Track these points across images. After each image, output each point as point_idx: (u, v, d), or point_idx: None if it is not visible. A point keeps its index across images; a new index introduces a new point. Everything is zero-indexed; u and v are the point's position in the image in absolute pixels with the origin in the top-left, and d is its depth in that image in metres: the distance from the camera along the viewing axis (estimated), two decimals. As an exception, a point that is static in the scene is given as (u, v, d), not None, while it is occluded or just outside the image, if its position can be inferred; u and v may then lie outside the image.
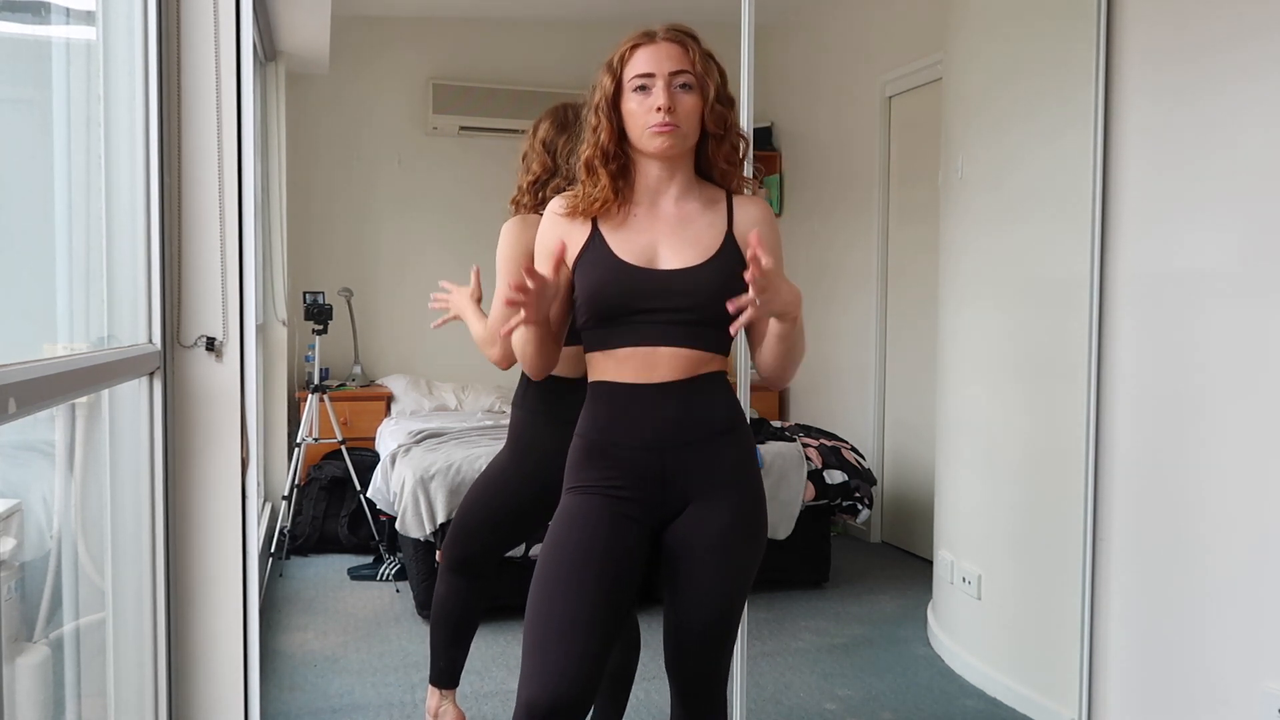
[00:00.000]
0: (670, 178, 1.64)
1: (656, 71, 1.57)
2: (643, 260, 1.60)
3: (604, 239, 1.61)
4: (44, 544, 1.71)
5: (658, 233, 1.62)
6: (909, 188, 4.43)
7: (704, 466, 1.61)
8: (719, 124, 1.62)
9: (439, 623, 2.39)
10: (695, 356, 1.59)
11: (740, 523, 1.63)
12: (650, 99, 1.57)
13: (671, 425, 1.59)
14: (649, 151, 1.60)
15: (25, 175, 1.73)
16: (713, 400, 1.62)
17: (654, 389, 1.59)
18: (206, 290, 1.98)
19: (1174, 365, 2.43)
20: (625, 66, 1.61)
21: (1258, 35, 2.21)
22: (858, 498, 3.92)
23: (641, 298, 1.58)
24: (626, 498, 1.60)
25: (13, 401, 1.11)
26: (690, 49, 1.60)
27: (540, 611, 1.57)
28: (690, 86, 1.59)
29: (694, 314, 1.58)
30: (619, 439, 1.61)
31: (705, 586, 1.62)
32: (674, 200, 1.64)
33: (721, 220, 1.64)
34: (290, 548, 4.17)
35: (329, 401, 4.25)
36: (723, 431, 1.63)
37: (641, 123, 1.58)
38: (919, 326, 4.19)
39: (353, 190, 5.05)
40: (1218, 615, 2.31)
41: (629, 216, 1.63)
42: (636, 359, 1.59)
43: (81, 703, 1.77)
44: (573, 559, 1.57)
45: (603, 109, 1.61)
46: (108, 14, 1.89)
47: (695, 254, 1.60)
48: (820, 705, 2.89)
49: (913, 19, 4.30)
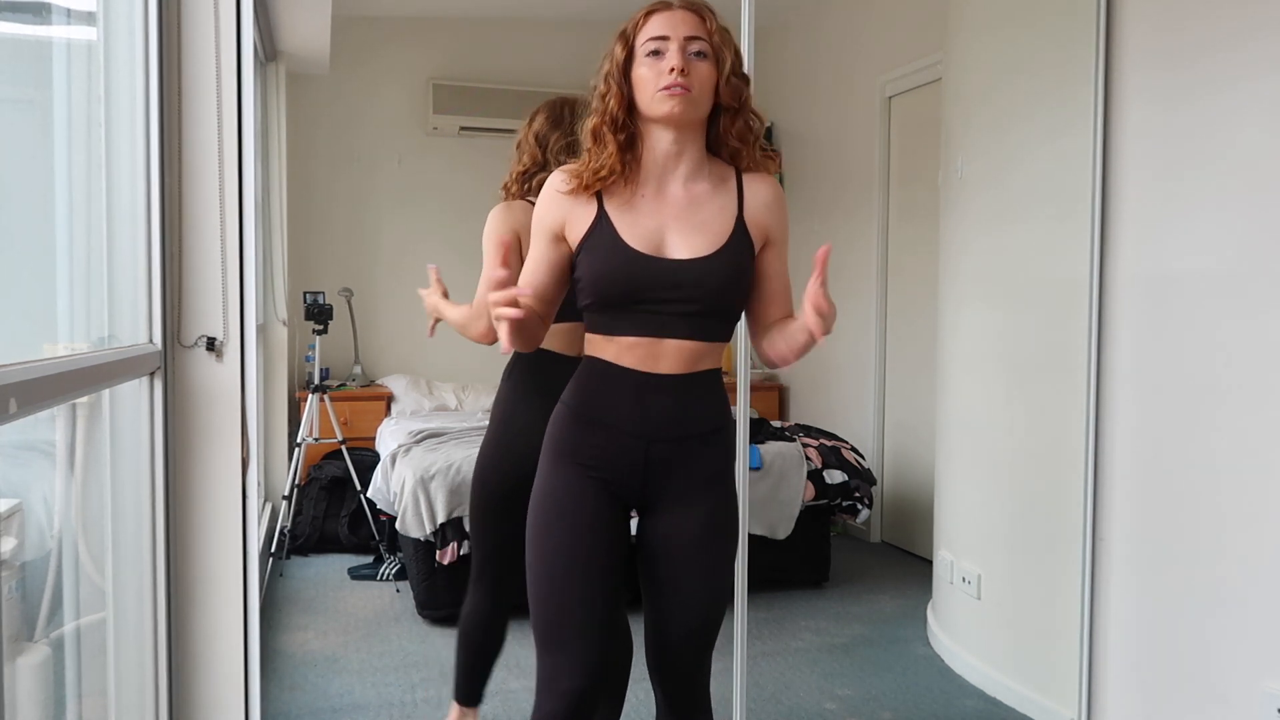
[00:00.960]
0: (680, 153, 1.58)
1: (671, 35, 1.52)
2: (651, 248, 1.55)
3: (611, 222, 1.56)
4: (45, 544, 1.71)
5: (666, 217, 1.57)
6: (909, 187, 4.43)
7: (688, 465, 1.59)
8: (734, 97, 1.57)
9: (459, 637, 2.34)
10: (698, 348, 1.57)
11: (718, 525, 1.62)
12: (663, 62, 1.51)
13: (663, 418, 1.57)
14: (659, 116, 1.53)
15: (26, 175, 1.73)
16: (706, 399, 1.60)
17: (651, 379, 1.56)
18: (207, 290, 1.98)
19: (1173, 365, 2.43)
20: (639, 32, 1.55)
21: (1257, 35, 2.21)
22: (857, 498, 3.93)
23: (649, 288, 1.54)
24: (607, 478, 1.58)
25: (13, 401, 1.11)
26: (707, 19, 1.55)
27: (553, 604, 1.57)
28: (705, 55, 1.53)
29: (701, 305, 1.54)
30: (607, 419, 1.58)
31: (687, 591, 1.61)
32: (682, 181, 1.59)
33: (731, 203, 1.59)
34: (290, 547, 4.17)
35: (329, 401, 4.25)
36: (711, 431, 1.61)
37: (653, 86, 1.52)
38: (919, 326, 4.19)
39: (353, 190, 5.05)
40: (1217, 615, 2.31)
41: (636, 197, 1.58)
42: (640, 348, 1.56)
43: (82, 702, 1.77)
44: (572, 545, 1.56)
45: (613, 76, 1.55)
46: (108, 14, 1.89)
47: (705, 243, 1.55)
48: (820, 705, 2.89)
49: (912, 19, 4.30)
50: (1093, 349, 2.62)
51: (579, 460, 1.59)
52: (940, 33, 3.54)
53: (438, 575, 3.43)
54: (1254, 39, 2.22)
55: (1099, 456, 2.63)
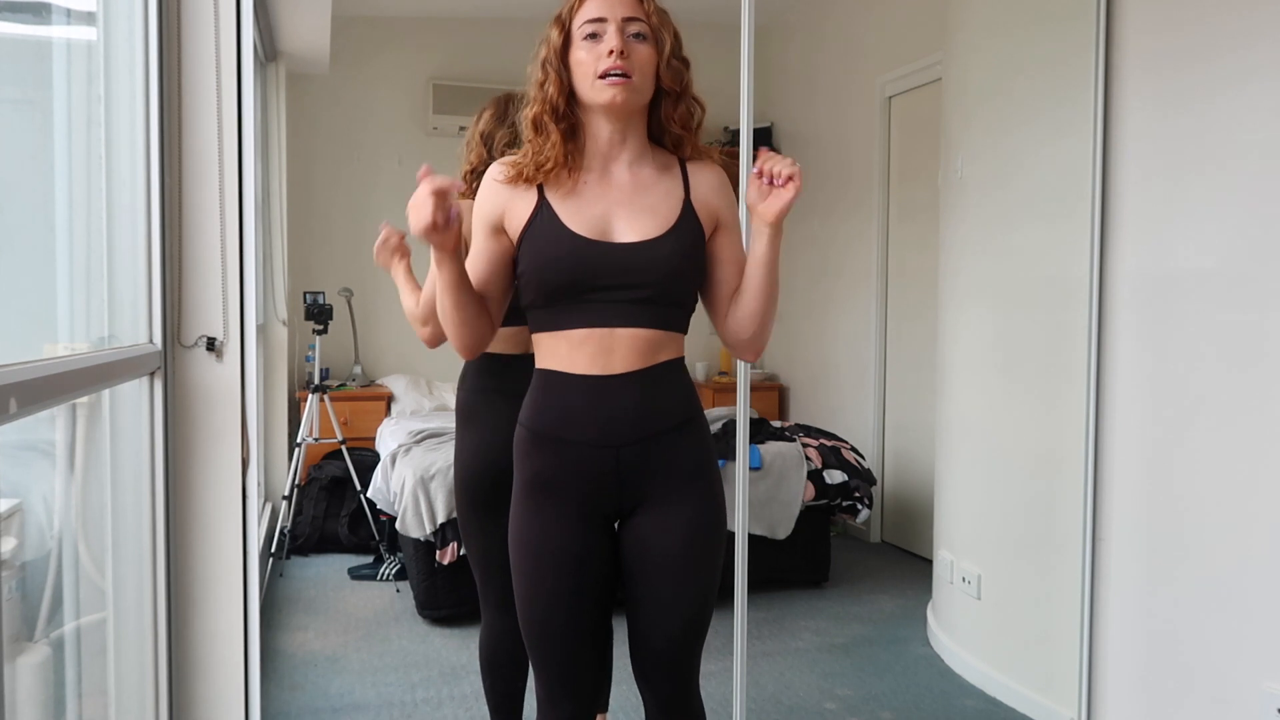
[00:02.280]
0: (622, 140, 1.52)
1: (609, 16, 1.46)
2: (596, 233, 1.48)
3: (552, 209, 1.48)
4: (45, 544, 1.71)
5: (611, 201, 1.50)
6: (909, 188, 4.43)
7: (662, 463, 1.51)
8: (675, 80, 1.50)
9: (485, 669, 2.22)
10: (654, 338, 1.49)
11: (703, 525, 1.55)
12: (601, 45, 1.45)
13: (627, 421, 1.48)
14: (599, 103, 1.47)
15: (26, 175, 1.73)
16: (670, 392, 1.52)
17: (608, 381, 1.48)
18: (207, 290, 1.98)
19: (1173, 365, 2.44)
20: (575, 15, 1.49)
21: (1256, 39, 2.21)
22: (858, 498, 3.93)
23: (596, 274, 1.46)
24: (581, 497, 1.52)
25: (14, 401, 1.11)
26: (645, 0, 1.50)
27: (545, 647, 1.56)
28: (644, 37, 1.47)
29: (654, 290, 1.47)
30: (568, 435, 1.50)
31: (669, 598, 1.54)
32: (627, 166, 1.52)
33: (678, 187, 1.53)
34: (290, 547, 4.17)
35: (329, 401, 4.26)
36: (680, 425, 1.53)
37: (591, 71, 1.45)
38: (919, 326, 4.19)
39: (353, 190, 5.05)
40: (1217, 615, 2.31)
41: (579, 184, 1.51)
42: (592, 342, 1.47)
43: (82, 702, 1.77)
44: (555, 585, 1.52)
45: (551, 62, 1.49)
46: (108, 14, 1.89)
47: (653, 225, 1.49)
48: (820, 705, 2.89)
49: (912, 19, 4.31)
50: (1093, 349, 2.62)
51: (548, 484, 1.52)
52: (940, 33, 3.54)
53: (438, 575, 3.43)
54: (1253, 43, 2.22)
55: (1099, 456, 2.63)
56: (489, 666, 2.19)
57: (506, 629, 2.11)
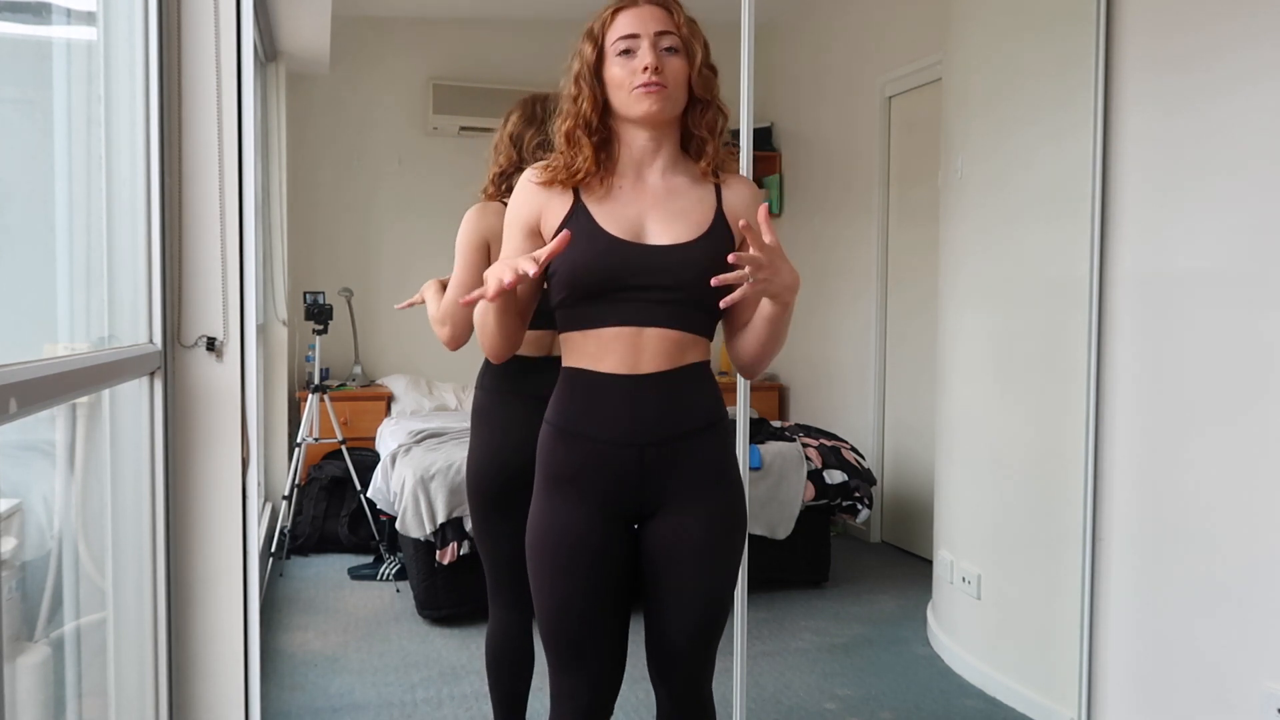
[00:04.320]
0: (656, 149, 1.55)
1: (641, 32, 1.49)
2: (630, 234, 1.51)
3: (588, 210, 1.52)
4: (45, 544, 1.71)
5: (645, 205, 1.54)
6: (909, 188, 4.43)
7: (686, 465, 1.54)
8: (706, 89, 1.54)
9: (490, 665, 2.21)
10: (681, 339, 1.51)
11: (723, 527, 1.57)
12: (635, 61, 1.49)
13: (653, 420, 1.51)
14: (636, 116, 1.51)
15: (26, 175, 1.73)
16: (697, 393, 1.55)
17: (635, 381, 1.50)
18: (207, 290, 1.98)
19: (1173, 365, 2.44)
20: (608, 31, 1.52)
21: (1256, 42, 2.21)
22: (857, 497, 3.93)
23: (629, 274, 1.49)
24: (603, 495, 1.54)
25: (14, 401, 1.11)
26: (675, 12, 1.53)
27: (562, 640, 1.57)
28: (676, 50, 1.51)
29: (683, 293, 1.50)
30: (594, 433, 1.52)
31: (689, 597, 1.57)
32: (660, 173, 1.56)
33: (710, 195, 1.57)
34: (290, 547, 4.17)
35: (329, 401, 4.26)
36: (706, 426, 1.55)
37: (627, 85, 1.50)
38: (919, 327, 4.19)
39: (353, 190, 5.05)
40: (1217, 614, 2.31)
41: (613, 189, 1.55)
42: (621, 341, 1.50)
43: (82, 702, 1.77)
44: (575, 579, 1.54)
45: (584, 77, 1.53)
46: (108, 14, 1.89)
47: (685, 230, 1.52)
48: (820, 705, 2.89)
49: (913, 19, 4.30)
50: (1093, 350, 2.62)
51: (572, 480, 1.54)
52: (940, 33, 3.55)
53: (438, 575, 3.43)
54: (1253, 45, 2.22)
55: (1099, 456, 2.63)
56: (496, 664, 2.18)
57: (516, 627, 2.13)
